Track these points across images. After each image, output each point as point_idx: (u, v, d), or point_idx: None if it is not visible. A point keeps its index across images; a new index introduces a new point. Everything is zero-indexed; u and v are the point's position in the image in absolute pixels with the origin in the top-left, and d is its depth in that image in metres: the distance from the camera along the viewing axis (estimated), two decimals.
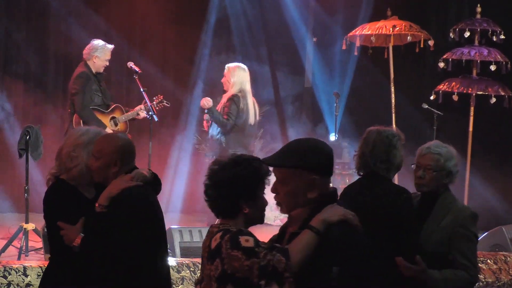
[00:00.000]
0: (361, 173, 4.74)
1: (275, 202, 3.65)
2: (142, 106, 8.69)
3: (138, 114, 8.71)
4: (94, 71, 8.61)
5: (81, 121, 8.33)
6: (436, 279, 4.36)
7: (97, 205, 4.31)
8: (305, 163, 3.44)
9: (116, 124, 8.64)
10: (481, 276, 8.21)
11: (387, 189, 4.73)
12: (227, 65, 8.98)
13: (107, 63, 8.71)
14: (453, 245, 4.34)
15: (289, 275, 3.36)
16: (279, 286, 3.39)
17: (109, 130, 8.25)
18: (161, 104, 8.86)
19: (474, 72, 10.53)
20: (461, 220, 4.37)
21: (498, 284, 8.28)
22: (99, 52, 8.63)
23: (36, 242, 7.90)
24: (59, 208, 4.46)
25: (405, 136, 4.85)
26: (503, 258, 8.52)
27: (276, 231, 3.75)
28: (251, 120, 8.75)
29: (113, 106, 8.70)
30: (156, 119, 8.65)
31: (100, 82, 8.67)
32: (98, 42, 8.69)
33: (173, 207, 11.02)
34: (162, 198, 5.58)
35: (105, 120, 8.60)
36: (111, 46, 8.75)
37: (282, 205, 3.51)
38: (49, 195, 4.54)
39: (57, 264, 4.56)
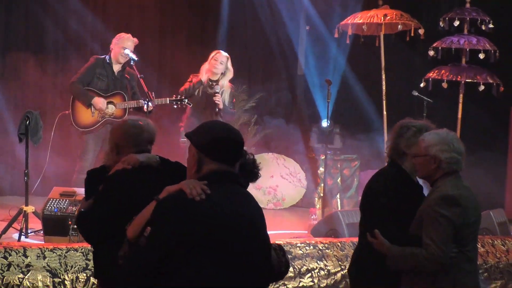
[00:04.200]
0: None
1: (268, 186, 3.75)
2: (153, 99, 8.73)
3: (143, 105, 8.68)
4: (113, 60, 8.91)
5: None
6: (394, 253, 4.44)
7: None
8: (192, 137, 3.62)
9: (111, 109, 8.73)
10: None
11: (378, 172, 4.99)
12: (223, 52, 9.13)
13: (126, 53, 8.79)
14: (422, 225, 4.39)
15: (125, 240, 3.65)
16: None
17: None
18: (179, 103, 8.88)
19: (463, 60, 10.56)
20: (431, 201, 4.40)
21: (485, 266, 8.34)
22: (117, 41, 8.92)
23: (36, 224, 7.91)
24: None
25: (395, 123, 4.95)
26: (490, 241, 8.60)
27: (268, 214, 3.81)
28: None
29: (114, 92, 8.78)
30: (151, 106, 8.67)
31: (114, 72, 8.88)
32: (119, 35, 9.00)
33: None
34: None
35: None
36: (130, 37, 8.93)
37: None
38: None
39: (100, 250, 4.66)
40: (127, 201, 4.38)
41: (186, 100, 8.88)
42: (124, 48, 8.83)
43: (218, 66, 9.18)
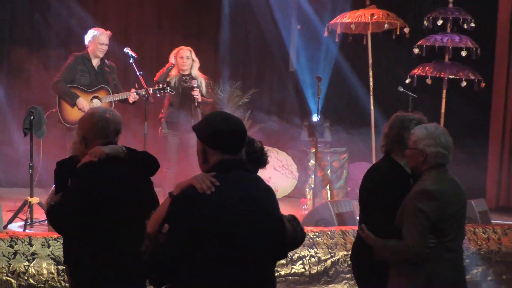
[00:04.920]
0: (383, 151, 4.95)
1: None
2: (132, 90, 8.74)
3: (127, 96, 8.73)
4: (92, 55, 8.78)
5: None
6: (378, 245, 4.51)
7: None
8: (197, 132, 3.61)
9: (97, 103, 8.70)
10: None
11: (373, 166, 4.98)
12: (187, 48, 9.26)
13: (103, 48, 8.79)
14: (403, 218, 4.45)
15: (145, 235, 3.60)
16: None
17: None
18: (163, 92, 8.87)
19: (446, 57, 10.59)
20: (412, 194, 4.44)
21: (467, 253, 8.39)
22: (92, 38, 8.78)
23: (40, 214, 7.93)
24: None
25: (382, 118, 4.98)
26: (472, 229, 8.65)
27: None
28: None
29: (98, 87, 8.73)
30: (151, 101, 8.70)
31: (95, 66, 8.78)
32: (92, 31, 8.87)
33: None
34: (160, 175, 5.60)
35: (86, 98, 8.68)
36: (101, 32, 8.82)
37: None
38: None
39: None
40: (95, 193, 4.36)
41: (169, 89, 8.87)
42: (101, 43, 8.76)
43: (186, 62, 9.21)
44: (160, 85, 8.87)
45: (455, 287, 4.50)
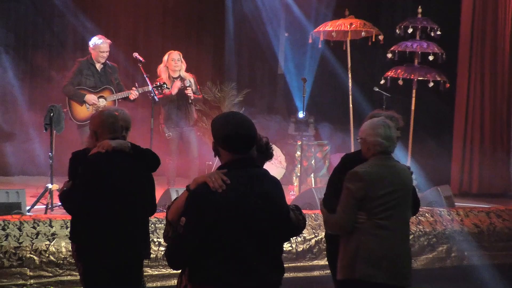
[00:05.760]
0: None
1: None
2: (133, 88, 8.73)
3: (128, 95, 8.71)
4: (95, 60, 8.74)
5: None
6: (325, 218, 4.63)
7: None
8: (212, 132, 3.55)
9: (102, 102, 8.67)
10: (420, 227, 8.38)
11: (349, 152, 5.06)
12: (177, 52, 9.22)
13: (104, 55, 8.76)
14: None
15: (167, 222, 3.60)
16: None
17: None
18: (161, 88, 8.84)
19: (416, 61, 10.61)
20: (346, 176, 4.49)
21: (434, 233, 8.44)
22: (93, 47, 8.76)
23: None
24: None
25: (359, 114, 5.01)
26: (438, 212, 8.69)
27: None
28: None
29: (102, 87, 8.71)
30: (156, 99, 8.69)
31: (98, 69, 8.73)
32: (94, 39, 8.81)
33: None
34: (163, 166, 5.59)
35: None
36: (102, 41, 8.76)
37: None
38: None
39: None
40: (101, 180, 4.43)
41: (166, 85, 8.86)
42: (101, 51, 8.69)
43: (177, 63, 9.18)
44: (158, 82, 8.85)
45: (382, 261, 4.41)
